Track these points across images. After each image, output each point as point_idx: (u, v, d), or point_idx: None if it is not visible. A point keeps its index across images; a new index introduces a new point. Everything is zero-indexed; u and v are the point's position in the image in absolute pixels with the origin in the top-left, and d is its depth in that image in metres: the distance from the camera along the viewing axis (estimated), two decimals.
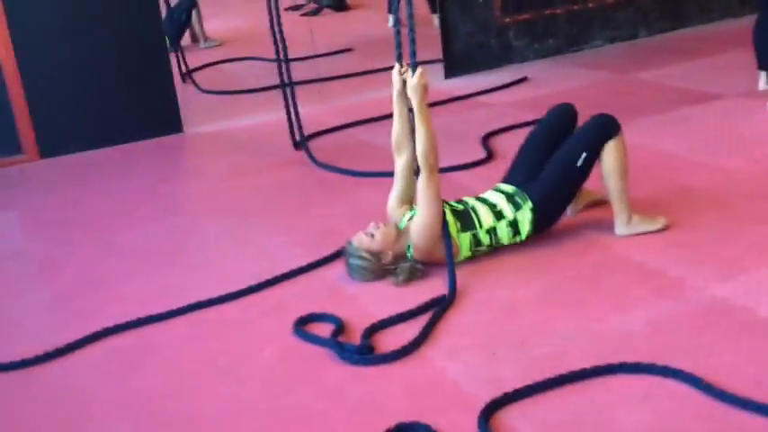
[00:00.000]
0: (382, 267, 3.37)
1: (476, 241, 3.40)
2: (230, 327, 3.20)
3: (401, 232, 3.41)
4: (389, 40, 8.12)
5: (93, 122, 5.55)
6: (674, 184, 3.91)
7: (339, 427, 2.53)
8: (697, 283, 3.07)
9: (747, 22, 6.68)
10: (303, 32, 7.22)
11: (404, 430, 2.43)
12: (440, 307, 3.09)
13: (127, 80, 5.58)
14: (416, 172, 3.34)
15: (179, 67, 7.25)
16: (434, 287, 3.25)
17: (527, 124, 5.02)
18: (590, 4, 6.90)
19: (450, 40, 6.51)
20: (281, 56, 5.16)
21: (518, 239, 3.47)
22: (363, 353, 2.84)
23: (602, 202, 3.80)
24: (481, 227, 3.40)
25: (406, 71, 3.34)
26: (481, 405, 2.49)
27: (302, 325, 3.09)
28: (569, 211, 3.66)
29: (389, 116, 5.51)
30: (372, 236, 3.37)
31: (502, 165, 4.47)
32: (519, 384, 2.56)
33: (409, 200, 3.54)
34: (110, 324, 3.22)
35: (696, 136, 4.57)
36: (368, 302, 3.23)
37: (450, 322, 3.01)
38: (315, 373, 2.82)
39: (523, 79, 6.21)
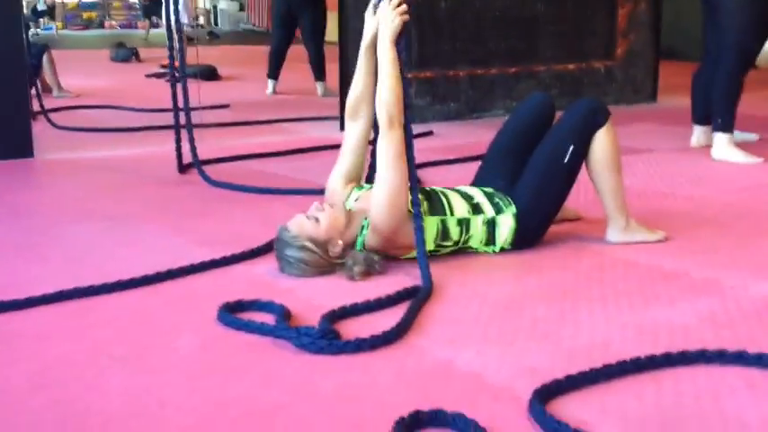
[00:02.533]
0: (330, 260, 2.57)
1: (443, 231, 2.67)
2: (123, 316, 2.29)
3: (351, 214, 2.64)
4: (266, 103, 7.64)
5: None
6: (648, 209, 3.34)
7: (317, 420, 1.68)
8: (733, 283, 2.47)
9: (640, 109, 6.54)
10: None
11: (425, 420, 1.62)
12: (418, 297, 2.31)
13: None
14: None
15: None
16: (400, 282, 2.48)
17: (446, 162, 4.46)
18: (492, 71, 6.54)
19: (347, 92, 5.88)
20: (176, 72, 4.37)
21: (491, 249, 2.76)
22: (329, 338, 2.01)
23: (575, 219, 3.18)
24: (452, 214, 2.69)
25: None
26: (522, 396, 1.73)
27: (230, 313, 2.23)
28: None
29: (281, 153, 4.95)
30: (317, 220, 2.58)
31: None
32: (560, 375, 1.81)
33: (357, 178, 2.82)
34: None
35: (646, 175, 4.09)
36: (312, 295, 2.41)
37: (437, 315, 2.24)
38: (261, 363, 1.96)
39: (429, 133, 5.66)
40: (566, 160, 2.76)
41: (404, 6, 2.56)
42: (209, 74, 9.44)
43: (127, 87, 8.46)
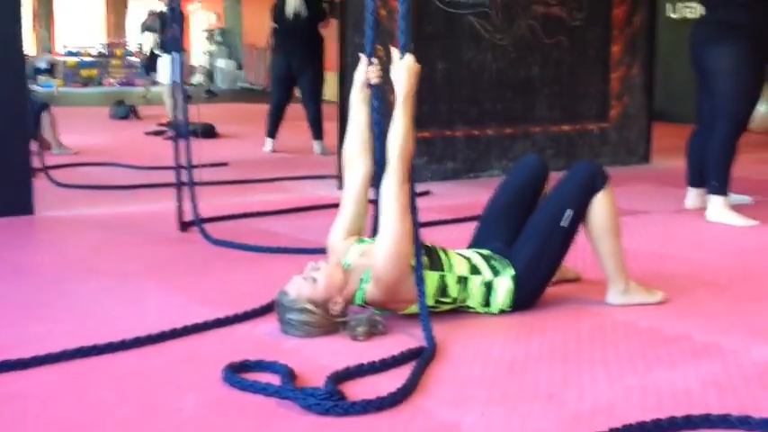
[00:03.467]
0: (332, 319, 2.58)
1: (442, 287, 2.69)
2: (126, 376, 2.29)
3: (349, 271, 2.66)
4: (265, 161, 7.72)
5: None
6: (645, 271, 3.37)
7: None
8: (734, 346, 2.49)
9: (634, 170, 6.60)
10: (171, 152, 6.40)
11: None
12: (422, 357, 2.33)
13: None
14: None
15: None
16: (403, 342, 2.49)
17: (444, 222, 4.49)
18: (488, 131, 6.62)
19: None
20: (181, 123, 4.44)
21: (487, 311, 2.77)
22: (335, 399, 2.02)
23: (575, 279, 3.21)
24: (452, 271, 2.71)
25: (377, 66, 2.72)
26: None
27: (235, 373, 2.24)
28: None
29: (280, 212, 5.00)
30: (314, 280, 2.60)
31: None
32: None
33: (359, 230, 2.84)
34: None
35: (643, 236, 4.12)
36: (317, 355, 2.42)
37: (441, 376, 2.25)
38: (266, 424, 1.97)
39: (427, 192, 5.70)
40: (564, 224, 2.79)
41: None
42: (208, 132, 9.50)
43: (126, 145, 8.51)
